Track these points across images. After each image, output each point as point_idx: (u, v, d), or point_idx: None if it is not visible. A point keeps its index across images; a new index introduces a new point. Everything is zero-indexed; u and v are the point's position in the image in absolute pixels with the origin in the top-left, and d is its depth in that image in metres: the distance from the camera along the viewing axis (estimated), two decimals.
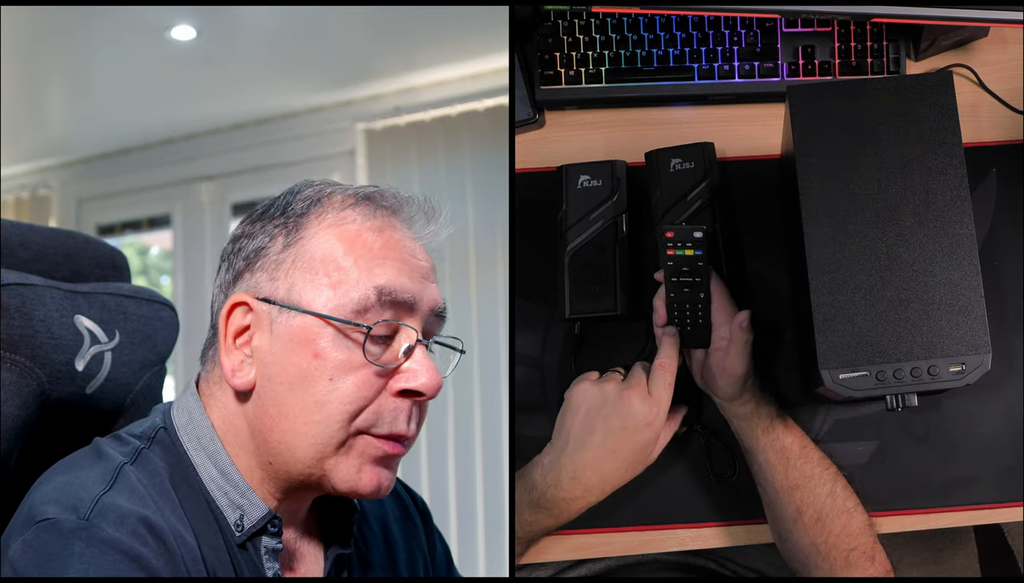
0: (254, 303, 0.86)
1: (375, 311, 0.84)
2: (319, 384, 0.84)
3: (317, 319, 0.84)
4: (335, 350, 0.84)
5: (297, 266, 0.85)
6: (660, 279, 1.21)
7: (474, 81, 3.03)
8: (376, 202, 0.88)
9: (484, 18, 2.51)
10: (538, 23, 1.37)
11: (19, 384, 0.92)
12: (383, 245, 0.86)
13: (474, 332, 3.00)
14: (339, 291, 0.84)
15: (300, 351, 0.84)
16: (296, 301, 0.85)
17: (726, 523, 1.27)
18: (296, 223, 0.87)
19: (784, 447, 1.17)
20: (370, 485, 0.86)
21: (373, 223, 0.87)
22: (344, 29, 2.72)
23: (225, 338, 0.87)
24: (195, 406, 0.89)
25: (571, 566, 1.38)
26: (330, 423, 0.84)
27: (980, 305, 1.05)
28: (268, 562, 0.87)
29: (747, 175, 1.34)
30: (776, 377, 1.28)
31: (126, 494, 0.81)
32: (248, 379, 0.86)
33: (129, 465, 0.84)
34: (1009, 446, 1.25)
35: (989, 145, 1.33)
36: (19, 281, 0.95)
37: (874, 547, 1.14)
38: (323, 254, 0.85)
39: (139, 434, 0.88)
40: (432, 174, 3.12)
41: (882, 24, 1.34)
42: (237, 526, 0.86)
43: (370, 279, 0.85)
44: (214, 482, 0.87)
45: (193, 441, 0.88)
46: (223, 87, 3.19)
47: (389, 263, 0.86)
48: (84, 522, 0.77)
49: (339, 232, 0.86)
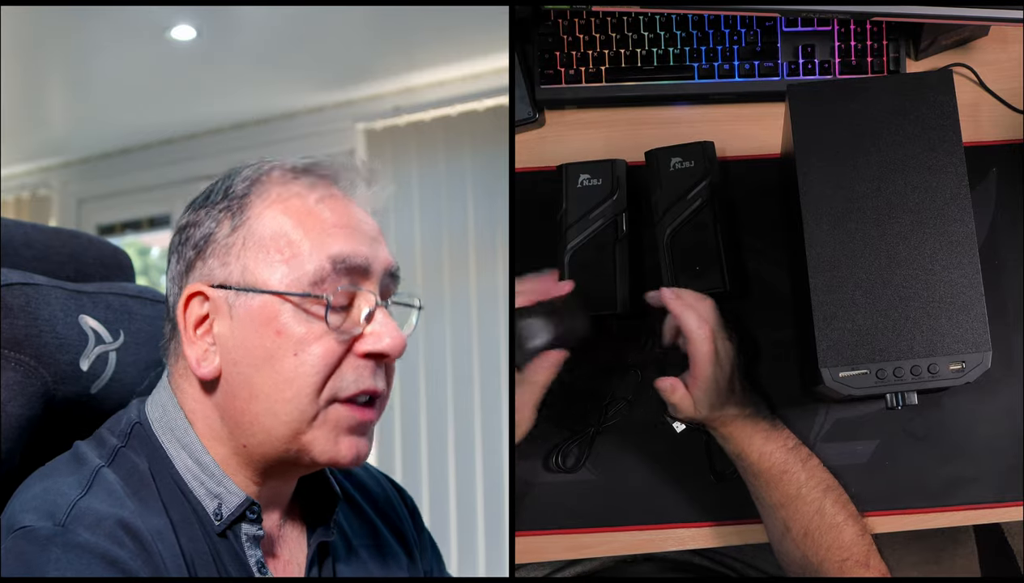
0: (209, 291, 0.86)
1: (331, 280, 0.85)
2: (285, 361, 0.84)
3: (275, 297, 0.84)
4: (297, 324, 0.84)
5: (248, 247, 0.85)
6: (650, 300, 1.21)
7: (474, 81, 3.03)
8: (315, 172, 0.88)
9: (484, 18, 2.51)
10: (538, 23, 1.38)
11: (23, 384, 0.92)
12: (330, 213, 0.86)
13: (474, 332, 3.00)
14: (293, 265, 0.84)
15: (262, 331, 0.84)
16: (252, 282, 0.85)
17: (726, 523, 1.27)
18: (240, 204, 0.87)
19: (766, 469, 1.17)
20: (349, 454, 0.86)
21: (316, 194, 0.87)
22: (344, 29, 2.71)
23: (185, 330, 0.87)
24: (167, 399, 0.89)
25: (570, 565, 1.38)
26: (300, 398, 0.84)
27: (980, 303, 1.05)
28: (250, 549, 0.87)
29: (747, 174, 1.35)
30: (775, 377, 1.28)
31: (103, 497, 0.81)
32: (214, 367, 0.86)
33: (106, 467, 0.84)
34: (1009, 446, 1.25)
35: (989, 145, 1.33)
36: (24, 280, 0.95)
37: (868, 554, 1.14)
38: (272, 231, 0.85)
39: (117, 432, 0.88)
40: (432, 174, 3.12)
41: (882, 23, 1.34)
42: (216, 515, 0.86)
43: (322, 249, 0.85)
44: (190, 472, 0.87)
45: (167, 434, 0.88)
46: (223, 87, 3.19)
47: (339, 231, 0.86)
48: (60, 528, 0.78)
49: (284, 207, 0.86)
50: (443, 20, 2.63)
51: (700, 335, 1.15)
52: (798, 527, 1.15)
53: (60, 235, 1.07)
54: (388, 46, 2.86)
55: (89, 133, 3.68)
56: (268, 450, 0.86)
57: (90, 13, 2.52)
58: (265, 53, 2.89)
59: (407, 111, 3.16)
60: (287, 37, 2.76)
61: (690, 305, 1.16)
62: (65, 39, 2.75)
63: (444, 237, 3.06)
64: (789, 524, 1.16)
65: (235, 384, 0.86)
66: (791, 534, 1.16)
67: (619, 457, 1.28)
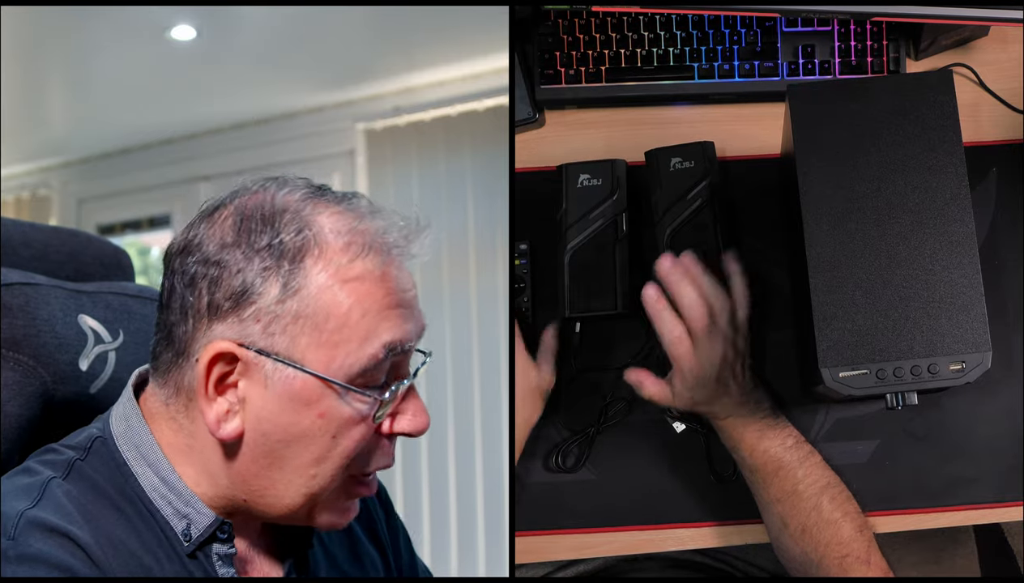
0: (243, 353, 0.79)
1: (381, 367, 0.82)
2: (321, 441, 0.81)
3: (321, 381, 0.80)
4: (341, 408, 0.81)
5: (298, 322, 0.79)
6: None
7: (474, 81, 3.03)
8: (378, 243, 0.82)
9: (484, 18, 2.51)
10: (538, 23, 1.38)
11: (22, 383, 0.92)
12: (386, 293, 0.81)
13: (474, 332, 3.00)
14: (345, 350, 0.80)
15: (303, 411, 0.80)
16: (299, 360, 0.79)
17: (726, 523, 1.27)
18: (292, 270, 0.79)
19: (760, 464, 1.17)
20: (347, 518, 0.88)
21: (378, 269, 0.82)
22: (344, 29, 2.71)
23: (207, 386, 0.80)
24: (132, 414, 0.85)
25: (570, 564, 1.38)
26: (325, 475, 0.82)
27: (980, 303, 1.05)
28: (222, 568, 0.85)
29: (747, 174, 1.35)
30: (775, 377, 1.28)
31: (51, 509, 0.79)
32: (236, 429, 0.81)
33: (59, 479, 0.82)
34: (1009, 446, 1.25)
35: (989, 145, 1.33)
36: (23, 280, 0.94)
37: (868, 551, 1.14)
38: (327, 310, 0.79)
39: (74, 445, 0.85)
40: (432, 174, 3.12)
41: (882, 23, 1.34)
42: (185, 535, 0.84)
43: (378, 337, 0.81)
44: (156, 491, 0.84)
45: (132, 450, 0.84)
46: (223, 87, 3.19)
47: (393, 313, 0.82)
48: (11, 542, 0.76)
49: (342, 283, 0.80)
50: (443, 20, 2.63)
51: (671, 338, 1.13)
52: (795, 523, 1.15)
53: (59, 234, 1.07)
54: (388, 46, 2.86)
55: (89, 133, 3.68)
56: (269, 512, 0.85)
57: (90, 13, 2.52)
58: (265, 53, 2.89)
59: (407, 111, 3.17)
60: (287, 37, 2.76)
61: (666, 307, 1.14)
62: (65, 39, 2.75)
63: (444, 237, 3.06)
64: (786, 520, 1.16)
65: (257, 451, 0.82)
66: (788, 530, 1.16)
67: (619, 457, 1.28)
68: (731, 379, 1.17)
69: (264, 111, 3.38)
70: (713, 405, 1.18)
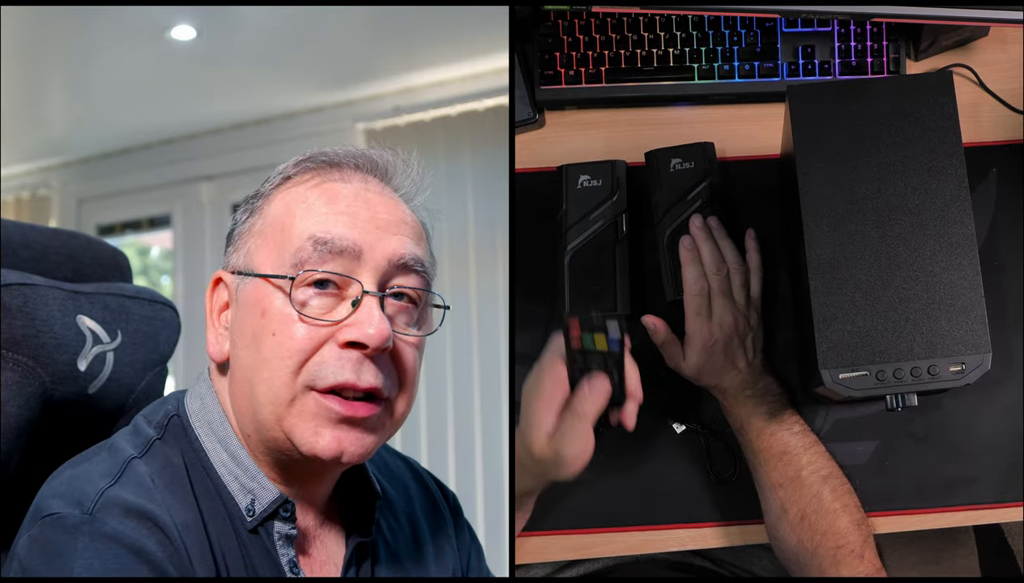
0: (227, 277, 0.88)
1: (314, 262, 0.83)
2: (265, 341, 0.83)
3: (264, 280, 0.84)
4: (280, 306, 0.83)
5: (253, 233, 0.88)
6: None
7: (474, 81, 3.03)
8: (318, 158, 0.89)
9: (484, 18, 2.51)
10: (538, 23, 1.37)
11: (21, 384, 0.92)
12: (326, 199, 0.86)
13: (474, 332, 3.00)
14: (282, 249, 0.85)
15: (252, 312, 0.85)
16: (249, 266, 0.86)
17: (726, 523, 1.27)
18: (261, 196, 0.89)
19: (764, 447, 1.18)
20: (330, 449, 0.83)
21: (318, 179, 0.88)
22: (344, 29, 2.71)
23: (210, 314, 0.89)
24: (207, 392, 0.89)
25: (570, 565, 1.38)
26: (274, 379, 0.83)
27: (980, 305, 1.05)
28: (282, 548, 0.86)
29: (747, 175, 1.34)
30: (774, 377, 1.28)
31: (131, 488, 0.81)
32: (222, 351, 0.87)
33: (138, 458, 0.84)
34: (1009, 446, 1.25)
35: (989, 145, 1.33)
36: (21, 281, 0.95)
37: (864, 545, 1.14)
38: (272, 218, 0.87)
39: (154, 423, 0.88)
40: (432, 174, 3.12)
41: (882, 24, 1.34)
42: (248, 511, 0.85)
43: (305, 230, 0.84)
44: (225, 467, 0.86)
45: (205, 427, 0.87)
46: (223, 87, 3.19)
47: (330, 216, 0.85)
48: (88, 516, 0.77)
49: (287, 194, 0.87)
50: (443, 20, 2.63)
51: (693, 290, 1.19)
52: (795, 510, 1.15)
53: (58, 236, 1.07)
54: (388, 46, 2.86)
55: (89, 133, 3.68)
56: (265, 437, 0.85)
57: (90, 13, 2.53)
58: (265, 53, 2.90)
59: (407, 111, 3.17)
60: (287, 37, 2.76)
61: (695, 259, 1.20)
62: (65, 39, 2.75)
63: (444, 237, 3.05)
64: (786, 506, 1.16)
65: (235, 367, 0.86)
66: (788, 517, 1.16)
67: (619, 457, 1.28)
68: (740, 353, 1.18)
69: (264, 111, 3.38)
70: (721, 378, 1.19)
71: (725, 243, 1.22)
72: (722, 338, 1.18)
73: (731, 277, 1.20)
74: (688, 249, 1.21)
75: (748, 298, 1.21)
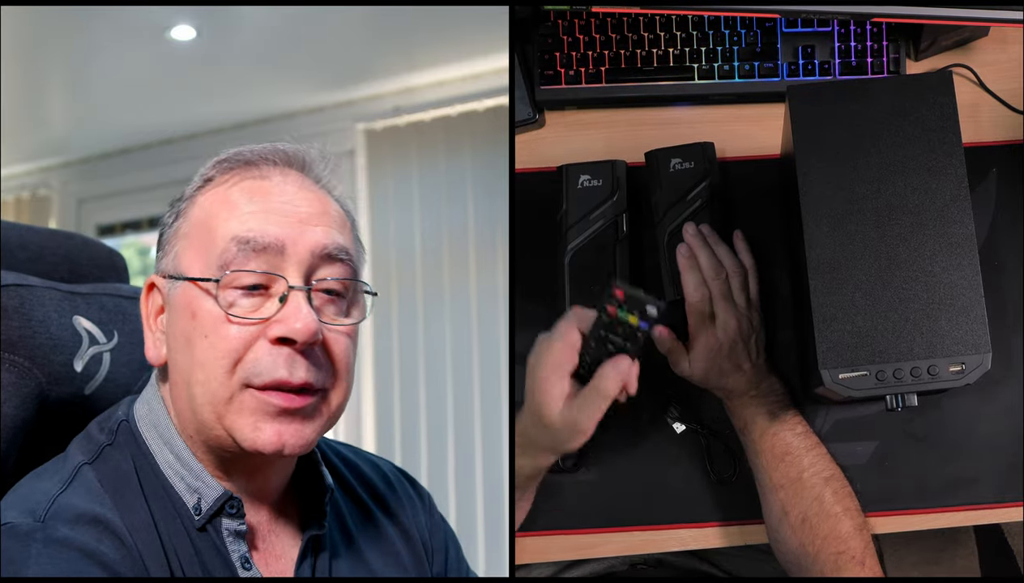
0: (159, 281, 0.89)
1: (239, 262, 0.84)
2: (198, 344, 0.84)
3: (192, 283, 0.85)
4: (210, 308, 0.84)
5: (179, 237, 0.88)
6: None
7: (474, 81, 3.03)
8: (237, 159, 0.89)
9: (484, 18, 2.51)
10: (538, 23, 1.37)
11: (18, 384, 0.92)
12: (246, 198, 0.87)
13: (474, 332, 3.00)
14: (208, 251, 0.85)
15: (183, 316, 0.85)
16: (178, 270, 0.87)
17: (726, 523, 1.27)
18: (184, 199, 0.90)
19: (767, 448, 1.18)
20: (271, 443, 0.84)
21: (237, 177, 0.88)
22: (344, 29, 2.71)
23: (146, 319, 0.90)
24: (153, 396, 0.90)
25: (570, 566, 1.38)
26: (210, 381, 0.83)
27: (980, 305, 1.05)
28: (232, 544, 0.87)
29: (747, 175, 1.34)
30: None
31: (82, 493, 0.82)
32: (161, 355, 0.88)
33: (88, 464, 0.85)
34: (1009, 446, 1.25)
35: (989, 145, 1.33)
36: (18, 282, 0.95)
37: (865, 551, 1.14)
38: (195, 220, 0.88)
39: (105, 429, 0.89)
40: (432, 174, 3.12)
41: (882, 24, 1.34)
42: (196, 509, 0.86)
43: (228, 231, 0.85)
44: (172, 468, 0.87)
45: (151, 430, 0.89)
46: (223, 87, 3.19)
47: (249, 214, 0.86)
48: (39, 524, 0.79)
49: (209, 195, 0.88)
50: (443, 20, 2.63)
51: (694, 297, 1.19)
52: (796, 512, 1.15)
53: (55, 237, 1.07)
54: (388, 46, 2.86)
55: (89, 133, 3.68)
56: (208, 436, 0.86)
57: (90, 13, 2.53)
58: (265, 53, 2.90)
59: (407, 111, 3.16)
60: (287, 37, 2.76)
61: (694, 267, 1.20)
62: (65, 39, 2.75)
63: (444, 237, 3.06)
64: (787, 508, 1.16)
65: (173, 371, 0.87)
66: (789, 519, 1.16)
67: (619, 457, 1.28)
68: (745, 355, 1.18)
69: (264, 111, 3.38)
70: (726, 381, 1.19)
71: (720, 248, 1.22)
72: (727, 342, 1.18)
73: (730, 280, 1.20)
74: (685, 256, 1.21)
75: (748, 299, 1.21)
